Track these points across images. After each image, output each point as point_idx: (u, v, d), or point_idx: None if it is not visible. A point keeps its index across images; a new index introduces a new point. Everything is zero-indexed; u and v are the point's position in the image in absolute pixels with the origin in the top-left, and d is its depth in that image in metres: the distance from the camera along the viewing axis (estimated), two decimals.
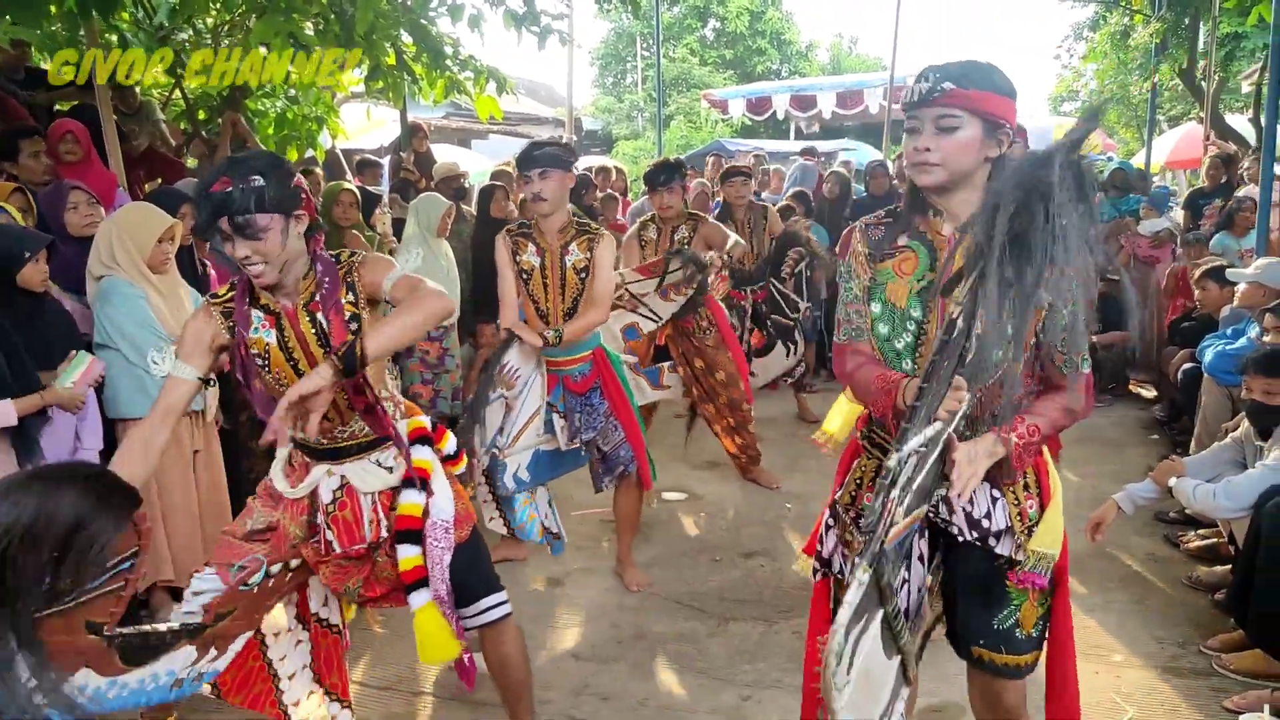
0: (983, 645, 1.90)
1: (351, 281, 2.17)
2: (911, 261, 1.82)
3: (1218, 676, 2.97)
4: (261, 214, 1.99)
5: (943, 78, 1.68)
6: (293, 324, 2.14)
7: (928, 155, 1.71)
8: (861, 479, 1.98)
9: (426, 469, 2.25)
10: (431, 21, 5.69)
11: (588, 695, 2.94)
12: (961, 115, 1.68)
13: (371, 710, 2.86)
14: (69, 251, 3.42)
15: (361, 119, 8.49)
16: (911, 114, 1.74)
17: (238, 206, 1.97)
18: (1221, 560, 3.70)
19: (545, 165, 3.29)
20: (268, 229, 2.01)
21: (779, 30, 26.72)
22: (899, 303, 1.82)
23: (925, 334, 1.79)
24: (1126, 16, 13.15)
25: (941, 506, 1.82)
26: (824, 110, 15.86)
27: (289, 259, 2.09)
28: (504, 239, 3.50)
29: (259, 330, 2.15)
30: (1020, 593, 1.87)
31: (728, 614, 3.47)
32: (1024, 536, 1.84)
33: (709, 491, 4.84)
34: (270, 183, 2.00)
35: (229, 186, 1.97)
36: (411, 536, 2.21)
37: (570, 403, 3.54)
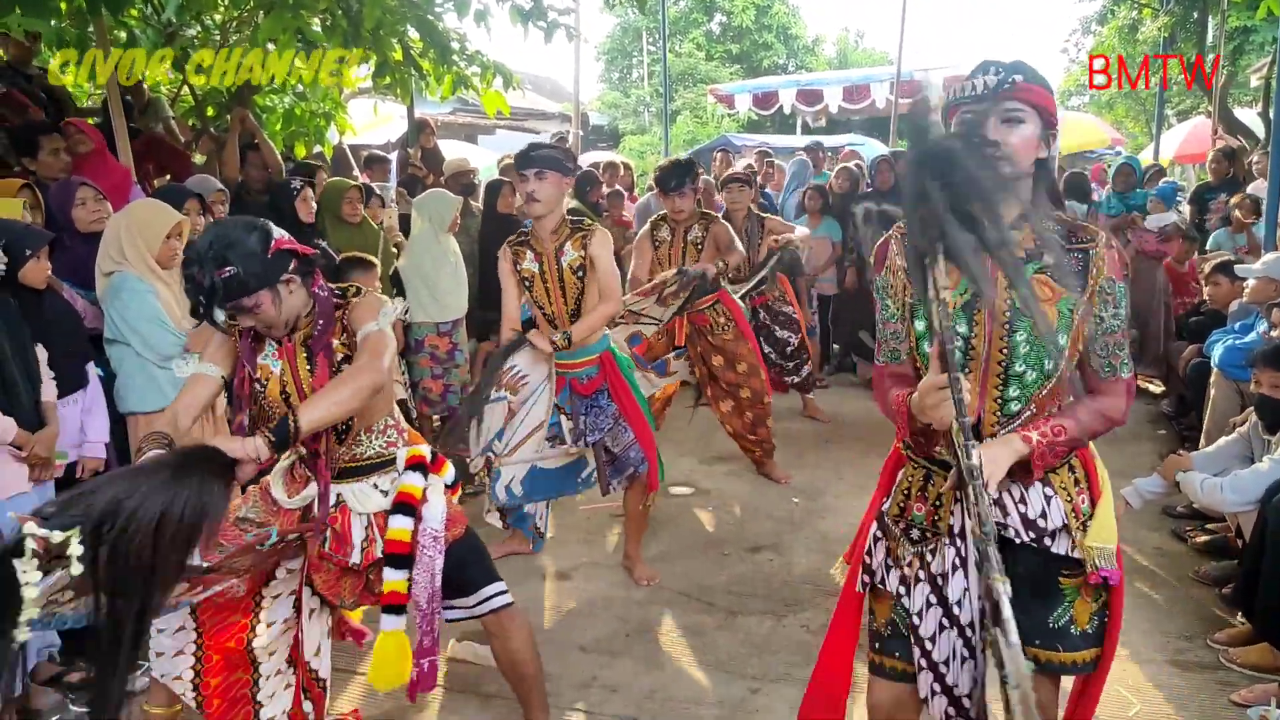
0: (1038, 645, 1.82)
1: (346, 323, 2.23)
2: (955, 273, 1.66)
3: (1224, 670, 2.97)
4: (245, 298, 2.04)
5: (1011, 71, 1.63)
6: (290, 358, 2.22)
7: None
8: (910, 489, 1.92)
9: (415, 494, 2.28)
10: (438, 17, 5.70)
11: (596, 687, 2.95)
12: (1026, 110, 1.64)
13: (381, 701, 2.88)
14: (79, 248, 3.44)
15: (369, 115, 8.49)
16: (971, 109, 1.66)
17: (220, 299, 2.01)
18: (1228, 555, 3.70)
19: (542, 166, 3.27)
20: (257, 306, 2.08)
21: (785, 25, 26.64)
22: None
23: (974, 350, 1.72)
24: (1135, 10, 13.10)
25: (995, 510, 1.78)
26: (830, 105, 15.80)
27: (289, 316, 2.16)
28: (505, 252, 3.50)
29: (269, 358, 2.23)
30: (1073, 589, 1.82)
31: (735, 608, 3.48)
32: (1080, 533, 1.80)
33: (717, 486, 4.85)
34: (243, 267, 2.01)
35: (203, 281, 2.00)
36: (399, 560, 2.26)
37: (577, 404, 3.53)
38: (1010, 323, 1.69)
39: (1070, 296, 1.67)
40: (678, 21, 25.55)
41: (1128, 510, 3.24)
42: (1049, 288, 1.68)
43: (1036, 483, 1.77)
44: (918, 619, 1.85)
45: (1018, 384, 1.72)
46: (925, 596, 1.85)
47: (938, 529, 1.84)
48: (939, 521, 1.84)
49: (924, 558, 1.86)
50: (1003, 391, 1.73)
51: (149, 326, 3.21)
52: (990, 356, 1.71)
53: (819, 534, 4.18)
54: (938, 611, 1.82)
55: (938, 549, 1.84)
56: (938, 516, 1.85)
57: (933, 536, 1.85)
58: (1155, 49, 11.96)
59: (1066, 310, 1.68)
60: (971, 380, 1.72)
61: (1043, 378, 1.71)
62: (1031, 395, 1.73)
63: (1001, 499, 1.78)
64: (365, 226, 4.98)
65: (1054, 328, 1.67)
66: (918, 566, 1.86)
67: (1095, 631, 1.85)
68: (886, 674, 1.94)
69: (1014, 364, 1.70)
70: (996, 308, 1.69)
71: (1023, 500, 1.79)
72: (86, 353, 3.19)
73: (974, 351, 1.73)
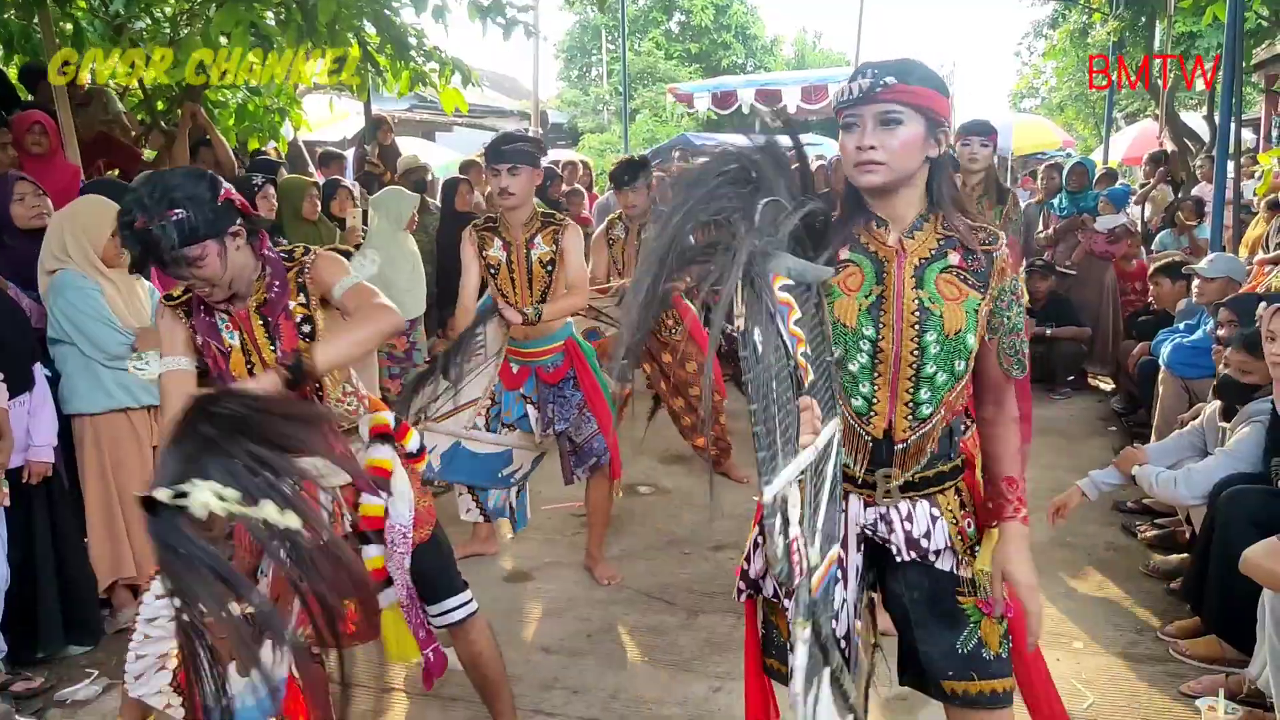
0: (952, 677, 1.76)
1: (303, 283, 2.14)
2: (857, 276, 1.69)
3: (1175, 662, 3.03)
4: (191, 246, 1.91)
5: (884, 73, 1.60)
6: (246, 327, 2.12)
7: (872, 154, 1.61)
8: None
9: (386, 468, 2.22)
10: (395, 12, 5.63)
11: (558, 688, 2.94)
12: (904, 111, 1.60)
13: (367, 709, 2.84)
14: (19, 246, 3.35)
15: (324, 111, 8.36)
16: (850, 112, 1.64)
17: (164, 244, 1.88)
18: (1178, 549, 3.79)
19: (515, 161, 3.26)
20: (202, 258, 1.95)
21: (744, 24, 26.79)
22: (849, 322, 1.68)
23: (881, 353, 1.69)
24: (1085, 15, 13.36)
25: (880, 524, 1.76)
26: (789, 105, 15.88)
27: (235, 274, 2.04)
28: (470, 234, 3.48)
29: (225, 332, 2.14)
30: (975, 608, 1.78)
31: (697, 607, 3.49)
32: (966, 556, 1.77)
33: (677, 485, 4.85)
34: (192, 212, 1.90)
35: (149, 225, 1.87)
36: (374, 536, 2.20)
37: (544, 393, 3.53)
38: (920, 323, 1.66)
39: (974, 297, 1.67)
40: (637, 20, 25.57)
41: (1083, 502, 3.30)
42: (955, 287, 1.67)
43: (923, 500, 1.76)
44: None
45: (929, 386, 1.68)
46: None
47: None
48: None
49: None
50: (914, 395, 1.69)
51: (94, 325, 3.14)
52: (900, 359, 1.68)
53: None
54: None
55: None
56: None
57: None
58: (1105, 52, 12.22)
59: (972, 310, 1.66)
60: (880, 385, 1.69)
61: (953, 379, 1.69)
62: (942, 398, 1.69)
63: (888, 514, 1.76)
64: (321, 224, 4.91)
65: (963, 327, 1.66)
66: None
67: (1009, 656, 1.79)
68: (783, 679, 1.87)
69: (924, 366, 1.67)
70: (905, 307, 1.66)
71: (909, 518, 1.76)
72: (33, 352, 3.10)
73: (882, 354, 1.68)
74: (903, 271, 1.67)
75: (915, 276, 1.67)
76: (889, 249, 1.69)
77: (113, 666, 3.06)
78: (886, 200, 1.68)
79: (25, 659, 3.03)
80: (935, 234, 1.69)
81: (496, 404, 3.57)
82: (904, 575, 1.79)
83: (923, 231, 1.69)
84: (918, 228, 1.69)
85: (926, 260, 1.68)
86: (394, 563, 2.21)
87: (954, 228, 1.69)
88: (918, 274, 1.67)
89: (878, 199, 1.69)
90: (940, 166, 1.68)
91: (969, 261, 1.68)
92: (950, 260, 1.68)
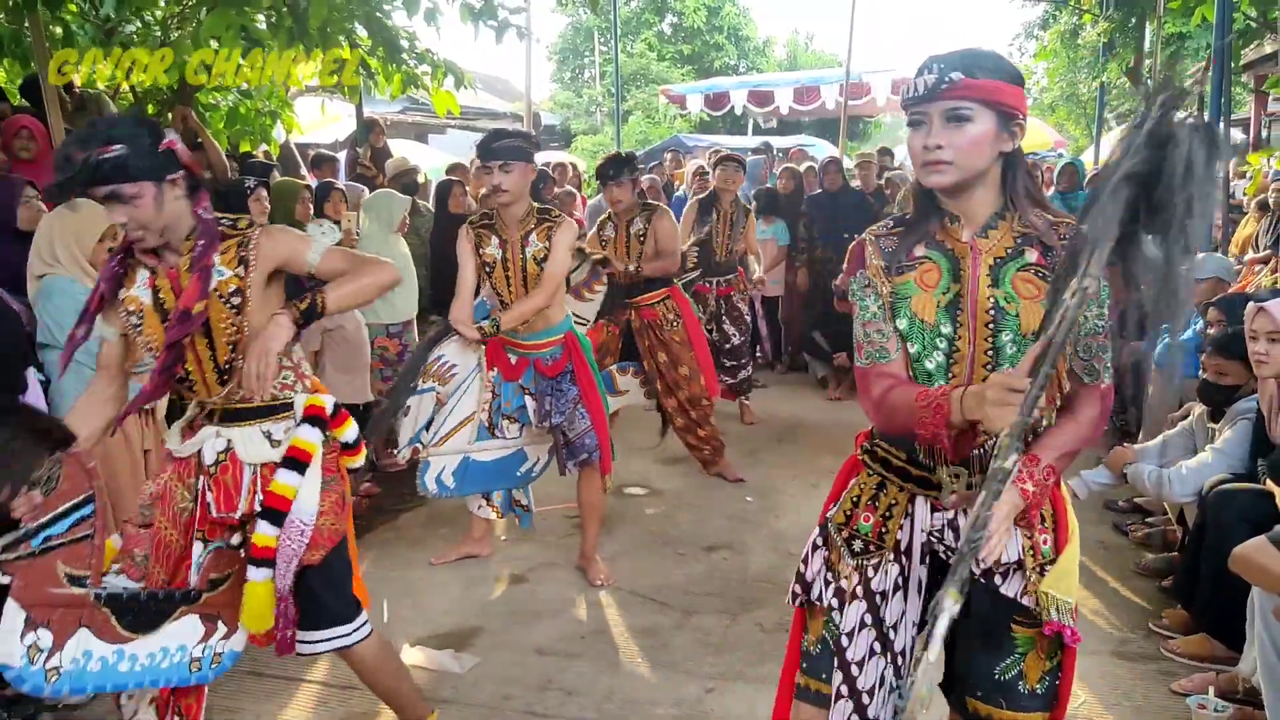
0: (980, 698, 1.69)
1: (245, 255, 2.11)
2: (934, 273, 1.64)
3: (1166, 661, 3.05)
4: (128, 184, 1.95)
5: (950, 67, 1.53)
6: (174, 284, 2.11)
7: (939, 153, 1.55)
8: (860, 497, 1.80)
9: (309, 451, 2.16)
10: (387, 15, 5.63)
11: (552, 690, 2.94)
12: (973, 107, 1.53)
13: (333, 710, 2.84)
14: (11, 250, 3.34)
15: (316, 114, 8.35)
16: (917, 109, 1.58)
17: (100, 176, 1.92)
18: (1168, 547, 3.81)
19: (507, 158, 3.26)
20: (138, 197, 1.97)
21: (736, 26, 26.81)
22: (927, 318, 1.64)
23: (958, 351, 1.64)
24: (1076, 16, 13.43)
25: (947, 532, 1.69)
26: (781, 106, 15.94)
27: (168, 223, 2.05)
28: (467, 231, 3.48)
29: (138, 288, 2.13)
30: (1026, 640, 1.67)
31: (691, 607, 3.49)
32: (1035, 575, 1.65)
33: (671, 486, 4.85)
34: (134, 151, 1.94)
35: (90, 157, 1.90)
36: (275, 517, 2.14)
37: (541, 385, 3.52)
38: (994, 322, 1.61)
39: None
40: (629, 22, 25.56)
41: (1074, 502, 3.31)
42: (1034, 285, 1.61)
43: None
44: (846, 639, 1.73)
45: None
46: (860, 615, 1.73)
47: (883, 543, 1.75)
48: (885, 535, 1.75)
49: (865, 573, 1.75)
50: None
51: None
52: (975, 359, 1.63)
53: (774, 533, 4.21)
54: (870, 634, 1.72)
55: (881, 564, 1.74)
56: (885, 529, 1.75)
57: (876, 550, 1.75)
58: (1095, 54, 12.27)
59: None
60: (955, 383, 1.63)
61: None
62: None
63: (955, 520, 1.68)
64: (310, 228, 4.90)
65: (1039, 326, 1.55)
66: (856, 582, 1.74)
67: (1045, 693, 1.68)
68: (812, 699, 1.77)
69: (1000, 366, 1.61)
70: (980, 306, 1.61)
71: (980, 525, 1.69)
72: (26, 356, 3.09)
73: (958, 354, 1.64)
74: (978, 269, 1.62)
75: (991, 275, 1.62)
76: (963, 245, 1.65)
77: None
78: (958, 198, 1.63)
79: None
80: (1012, 231, 1.63)
81: (497, 396, 3.57)
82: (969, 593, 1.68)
83: (997, 230, 1.63)
84: (992, 226, 1.63)
85: (1003, 259, 1.62)
86: (283, 554, 2.13)
87: (1031, 224, 1.62)
88: (994, 272, 1.62)
89: (949, 196, 1.64)
90: (1015, 161, 1.61)
91: (1049, 258, 1.60)
92: (1028, 258, 1.61)
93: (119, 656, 1.96)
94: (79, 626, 1.90)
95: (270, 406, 2.20)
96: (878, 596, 1.73)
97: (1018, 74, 1.60)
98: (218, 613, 2.16)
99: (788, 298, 7.29)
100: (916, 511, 1.73)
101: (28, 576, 1.82)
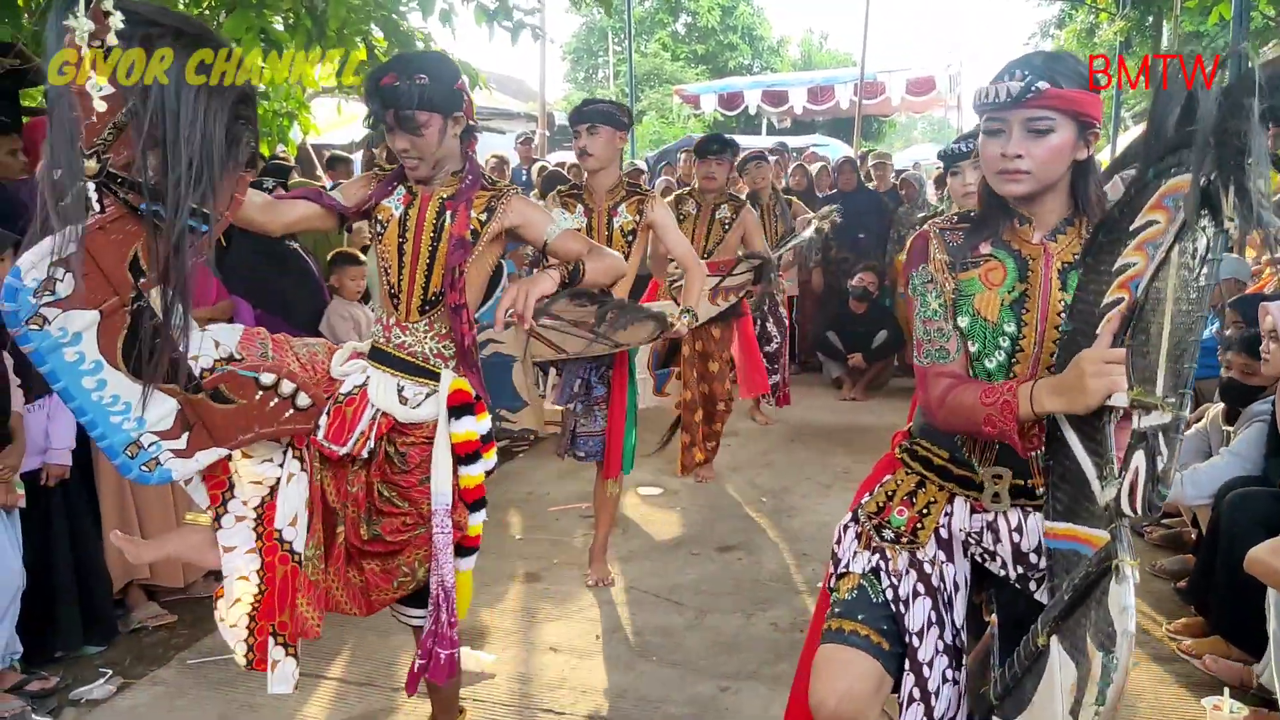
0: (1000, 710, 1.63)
1: (494, 206, 2.22)
2: (999, 272, 1.63)
3: (1181, 661, 3.04)
4: (422, 111, 2.07)
5: (1036, 75, 1.51)
6: (421, 207, 2.22)
7: (1018, 163, 1.54)
8: (895, 491, 1.80)
9: (472, 441, 2.18)
10: (402, 16, 5.66)
11: (566, 688, 2.96)
12: (1055, 117, 1.51)
13: (351, 706, 2.87)
14: None
15: (332, 114, 8.40)
16: (996, 115, 1.56)
17: (402, 101, 2.05)
18: (1183, 548, 3.80)
19: (594, 121, 3.29)
20: (427, 125, 2.09)
21: (750, 25, 26.79)
22: (990, 317, 1.62)
23: (1021, 350, 1.62)
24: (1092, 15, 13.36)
25: (986, 533, 1.66)
26: (795, 106, 15.91)
27: (443, 157, 2.18)
28: (553, 199, 3.50)
29: (393, 201, 2.26)
30: None
31: (705, 607, 3.51)
32: None
33: (685, 486, 4.87)
34: (433, 82, 2.07)
35: (396, 81, 2.05)
36: (479, 506, 2.22)
37: (572, 365, 3.47)
38: (1064, 324, 1.59)
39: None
40: (643, 22, 25.58)
41: None
42: None
43: (1038, 512, 1.63)
44: (917, 639, 1.68)
45: None
46: (926, 614, 1.68)
47: (915, 538, 1.74)
48: (920, 531, 1.74)
49: (921, 568, 1.71)
50: None
51: None
52: (1039, 360, 1.61)
53: (787, 533, 4.22)
54: (936, 632, 1.69)
55: (935, 563, 1.72)
56: (920, 525, 1.74)
57: (908, 544, 1.74)
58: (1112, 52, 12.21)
59: None
60: (1017, 383, 1.58)
61: None
62: None
63: (995, 522, 1.66)
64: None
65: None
66: (915, 579, 1.70)
67: None
68: (844, 639, 1.68)
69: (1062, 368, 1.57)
70: (1050, 308, 1.60)
71: (1019, 529, 1.65)
72: None
73: (1021, 354, 1.63)
74: (1050, 270, 1.61)
75: (1060, 278, 1.61)
76: (1034, 246, 1.63)
77: (126, 666, 3.10)
78: (1030, 203, 1.63)
79: (41, 658, 3.06)
80: (1080, 238, 1.62)
81: None
82: (1008, 594, 1.69)
83: (1066, 235, 1.63)
84: (1061, 230, 1.63)
85: (1070, 264, 1.61)
86: (437, 544, 2.14)
87: None
88: (1062, 276, 1.61)
89: (1021, 203, 1.63)
90: (1086, 170, 1.61)
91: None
92: None
93: (96, 368, 1.78)
94: (96, 310, 1.74)
95: (419, 367, 2.23)
96: (939, 592, 1.71)
97: (1096, 80, 1.59)
98: (195, 423, 1.94)
99: (802, 298, 7.30)
100: (955, 511, 1.73)
101: (111, 224, 1.70)
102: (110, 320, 1.75)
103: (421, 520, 2.17)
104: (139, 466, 1.88)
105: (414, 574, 2.20)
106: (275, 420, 2.03)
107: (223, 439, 1.97)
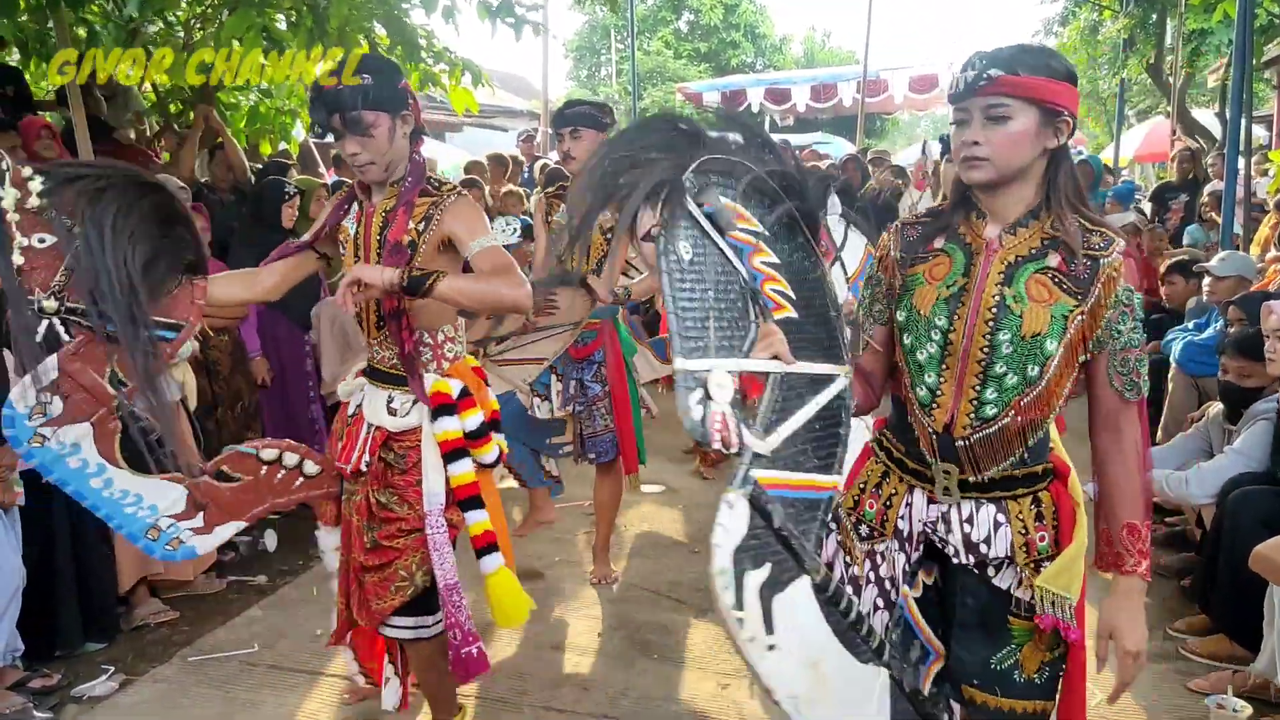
0: (976, 685, 1.70)
1: (432, 214, 2.16)
2: (944, 266, 1.66)
3: (1184, 660, 3.04)
4: (369, 111, 2.06)
5: (989, 64, 1.54)
6: (367, 223, 2.21)
7: (976, 149, 1.56)
8: (866, 484, 1.84)
9: (453, 440, 2.20)
10: (405, 13, 5.65)
11: (568, 686, 2.96)
12: (1012, 104, 1.53)
13: (351, 705, 2.87)
14: None
15: None
16: (959, 106, 1.59)
17: (347, 104, 2.04)
18: (1188, 547, 3.79)
19: (576, 124, 3.29)
20: (375, 125, 2.08)
21: (753, 23, 26.79)
22: (923, 310, 1.65)
23: (951, 345, 1.64)
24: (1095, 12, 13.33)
25: (940, 523, 1.71)
26: (798, 104, 15.91)
27: (394, 159, 2.15)
28: (539, 202, 3.50)
29: (349, 220, 2.26)
30: (1024, 632, 1.69)
31: (706, 604, 3.50)
32: (1028, 571, 1.67)
33: (687, 484, 4.87)
34: (377, 81, 2.06)
35: (339, 84, 2.05)
36: (473, 503, 2.23)
37: (568, 368, 3.47)
38: (995, 320, 1.60)
39: (1066, 303, 1.57)
40: (646, 19, 25.58)
41: (1088, 503, 3.30)
42: (1047, 289, 1.58)
43: (989, 504, 1.68)
44: None
45: (996, 386, 1.61)
46: (873, 600, 1.77)
47: (884, 529, 1.78)
48: (886, 523, 1.78)
49: (874, 559, 1.79)
50: (979, 393, 1.62)
51: None
52: (969, 354, 1.62)
53: None
54: (884, 616, 1.77)
55: (887, 553, 1.78)
56: (886, 517, 1.78)
57: (879, 536, 1.79)
58: (1115, 50, 12.18)
59: (1060, 316, 1.57)
60: (947, 378, 1.64)
61: (1024, 383, 1.60)
62: (1010, 400, 1.61)
63: (949, 513, 1.70)
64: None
65: (1044, 331, 1.57)
66: (868, 567, 1.79)
67: (1045, 683, 1.71)
68: None
69: (994, 364, 1.60)
70: (983, 302, 1.60)
71: (969, 520, 1.69)
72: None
73: (951, 347, 1.63)
74: (989, 266, 1.62)
75: (1005, 273, 1.61)
76: (983, 241, 1.64)
77: (128, 663, 3.11)
78: (994, 195, 1.63)
79: (43, 656, 3.06)
80: (1041, 233, 1.61)
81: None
82: (961, 579, 1.72)
83: (1027, 229, 1.62)
84: (1023, 224, 1.62)
85: (1024, 258, 1.60)
86: (433, 544, 2.18)
87: (1063, 228, 1.59)
88: (1009, 271, 1.61)
89: (985, 192, 1.64)
90: (1059, 159, 1.60)
91: (1071, 265, 1.58)
92: (1049, 261, 1.59)
93: (99, 470, 1.95)
94: (87, 421, 1.91)
95: (400, 376, 2.23)
96: (888, 582, 1.78)
97: (1067, 70, 1.59)
98: (207, 503, 2.09)
99: None
100: (915, 502, 1.75)
101: (82, 349, 1.88)
102: (103, 427, 1.92)
103: (418, 524, 2.20)
104: (162, 547, 2.04)
105: (411, 578, 2.23)
106: (287, 490, 2.19)
107: (237, 513, 2.12)
